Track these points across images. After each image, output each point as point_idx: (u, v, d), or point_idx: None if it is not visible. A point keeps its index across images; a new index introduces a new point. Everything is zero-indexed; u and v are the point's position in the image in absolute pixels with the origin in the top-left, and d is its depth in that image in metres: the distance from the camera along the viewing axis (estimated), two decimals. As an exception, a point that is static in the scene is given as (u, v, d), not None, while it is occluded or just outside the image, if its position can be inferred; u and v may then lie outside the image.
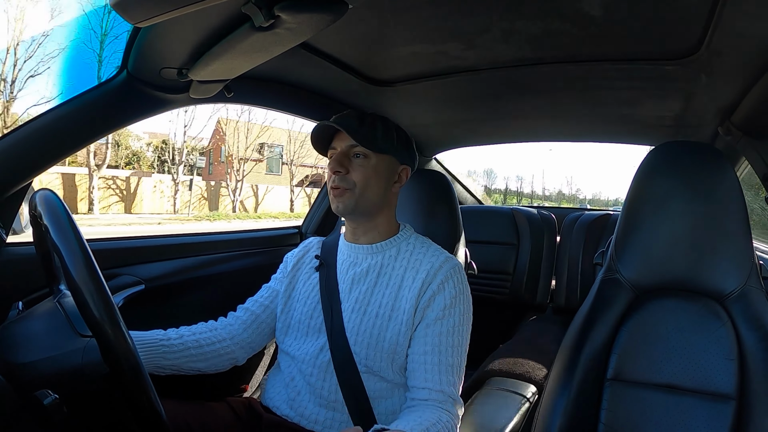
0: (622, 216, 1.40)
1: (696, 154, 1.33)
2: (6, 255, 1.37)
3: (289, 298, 1.45)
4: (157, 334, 1.29)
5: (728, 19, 1.12)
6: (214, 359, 1.37)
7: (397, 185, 1.42)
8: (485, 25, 1.32)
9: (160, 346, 1.27)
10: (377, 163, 1.34)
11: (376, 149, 1.33)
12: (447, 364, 1.24)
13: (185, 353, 1.30)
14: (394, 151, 1.38)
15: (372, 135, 1.33)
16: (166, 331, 1.32)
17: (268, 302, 1.48)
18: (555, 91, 1.83)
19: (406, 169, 1.43)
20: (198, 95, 1.45)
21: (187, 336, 1.34)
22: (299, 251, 1.55)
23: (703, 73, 1.44)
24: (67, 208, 0.91)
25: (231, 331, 1.42)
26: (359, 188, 1.32)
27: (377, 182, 1.35)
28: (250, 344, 1.45)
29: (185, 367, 1.31)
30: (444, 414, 1.17)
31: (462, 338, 1.29)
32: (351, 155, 1.34)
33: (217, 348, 1.37)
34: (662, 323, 1.29)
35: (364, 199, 1.33)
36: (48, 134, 1.29)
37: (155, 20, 0.93)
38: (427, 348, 1.24)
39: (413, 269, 1.33)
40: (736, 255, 1.26)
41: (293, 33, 1.06)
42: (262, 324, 1.46)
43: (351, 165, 1.33)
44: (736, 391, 1.19)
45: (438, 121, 2.38)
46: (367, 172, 1.33)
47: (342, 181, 1.32)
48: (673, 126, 2.06)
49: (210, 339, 1.37)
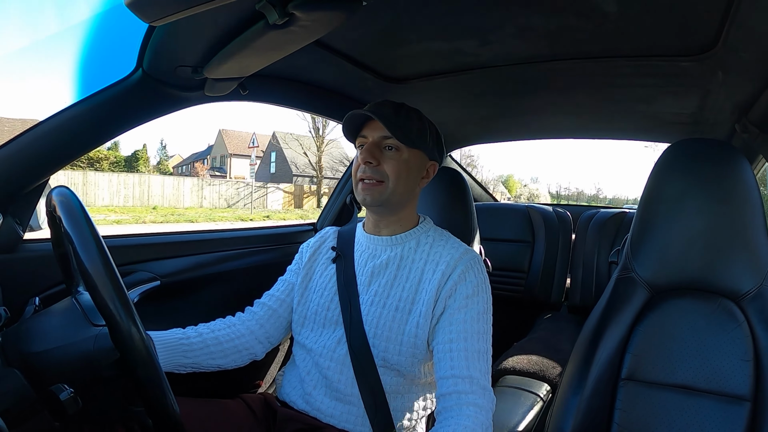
0: (638, 214, 1.39)
1: (712, 152, 1.32)
2: (23, 251, 1.39)
3: (305, 290, 1.44)
4: (176, 333, 1.29)
5: (745, 15, 1.11)
6: (233, 355, 1.37)
7: (425, 180, 1.39)
8: (500, 21, 1.31)
9: (180, 345, 1.27)
10: (409, 157, 1.31)
11: (409, 143, 1.30)
12: (474, 350, 1.19)
13: (205, 350, 1.31)
14: (425, 147, 1.35)
15: (407, 128, 1.30)
16: (185, 329, 1.33)
17: (284, 296, 1.47)
18: (570, 88, 1.82)
19: (434, 165, 1.41)
20: (213, 93, 1.45)
21: (206, 333, 1.34)
22: (315, 241, 1.53)
23: (720, 69, 1.43)
24: (83, 205, 0.91)
25: (249, 326, 1.42)
26: (391, 181, 1.29)
27: (408, 176, 1.32)
28: (268, 339, 1.45)
29: (205, 364, 1.32)
30: (475, 415, 1.11)
31: (487, 326, 1.26)
32: (383, 146, 1.31)
33: (236, 344, 1.38)
34: (677, 323, 1.27)
35: (394, 192, 1.30)
36: (64, 132, 1.30)
37: (170, 19, 0.94)
38: (452, 336, 1.21)
39: (433, 261, 1.31)
40: (752, 254, 1.24)
41: (307, 30, 1.07)
42: (279, 318, 1.46)
43: (382, 156, 1.30)
44: (751, 392, 1.17)
45: (453, 118, 2.37)
46: (399, 165, 1.30)
47: (374, 173, 1.29)
48: (690, 123, 2.04)
49: (229, 335, 1.37)
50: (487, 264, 2.11)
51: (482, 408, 1.13)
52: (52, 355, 0.92)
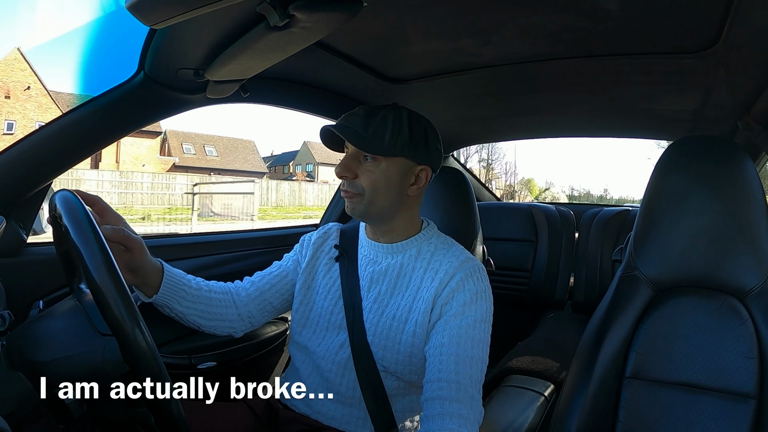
0: (641, 212, 1.39)
1: (715, 149, 1.31)
2: (27, 255, 1.39)
3: (308, 290, 1.42)
4: (181, 277, 1.29)
5: (746, 11, 1.11)
6: (215, 321, 1.35)
7: (414, 187, 1.30)
8: (501, 21, 1.31)
9: (181, 289, 1.27)
10: (387, 166, 1.25)
11: (383, 153, 1.24)
12: (466, 356, 1.15)
13: (195, 305, 1.31)
14: (407, 152, 1.26)
15: (378, 138, 1.23)
16: (189, 276, 1.33)
17: (276, 281, 1.45)
18: (572, 87, 1.82)
19: (426, 170, 1.31)
20: (215, 95, 1.46)
21: (204, 290, 1.34)
22: (319, 237, 1.49)
23: (722, 66, 1.42)
24: (86, 208, 0.91)
25: (237, 300, 1.40)
26: (368, 194, 1.25)
27: (387, 187, 1.26)
28: (249, 318, 1.42)
29: (188, 318, 1.31)
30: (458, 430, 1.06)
31: (484, 335, 1.22)
32: (361, 157, 1.26)
33: (222, 312, 1.36)
34: (681, 321, 1.27)
35: (374, 205, 1.27)
36: (67, 136, 1.30)
37: (170, 22, 0.94)
38: (444, 340, 1.17)
39: (433, 270, 1.28)
40: (756, 251, 1.24)
41: (308, 32, 1.07)
42: (265, 302, 1.43)
43: (360, 168, 1.26)
44: (756, 390, 1.17)
45: (454, 118, 2.37)
46: (375, 177, 1.25)
47: (351, 186, 1.26)
48: (692, 120, 2.04)
49: (220, 301, 1.36)
50: (490, 264, 2.11)
51: (466, 420, 1.09)
52: (59, 366, 0.92)
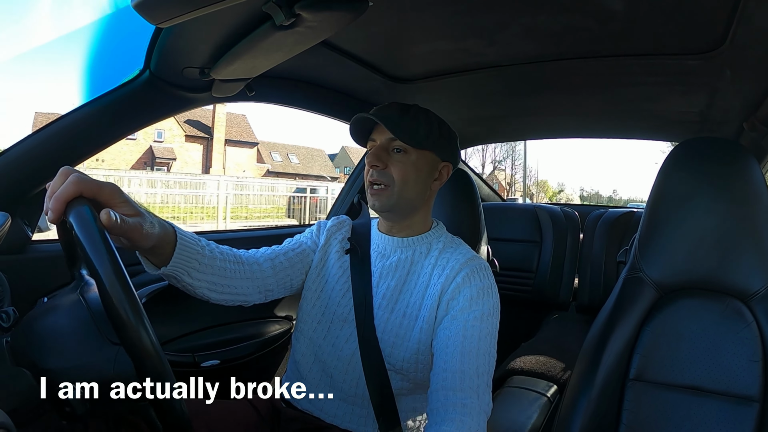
0: (646, 214, 1.38)
1: (721, 151, 1.31)
2: (32, 252, 1.40)
3: (318, 276, 1.40)
4: (195, 243, 1.16)
5: (752, 13, 1.10)
6: (226, 294, 1.26)
7: (437, 183, 1.35)
8: (506, 21, 1.31)
9: (195, 258, 1.15)
10: (417, 159, 1.28)
11: (416, 144, 1.26)
12: (472, 347, 1.15)
13: (207, 277, 1.19)
14: (436, 147, 1.31)
15: (413, 129, 1.26)
16: (205, 243, 1.20)
17: (298, 259, 1.40)
18: (577, 87, 1.82)
19: (448, 166, 1.36)
20: (220, 94, 1.46)
21: (218, 260, 1.22)
22: (333, 225, 1.47)
23: (728, 67, 1.42)
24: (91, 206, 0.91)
25: (256, 271, 1.32)
26: (398, 185, 1.27)
27: (416, 179, 1.29)
28: (267, 292, 1.35)
29: (198, 292, 1.21)
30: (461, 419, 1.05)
31: (491, 329, 1.21)
32: (390, 149, 1.28)
33: (236, 285, 1.27)
34: (686, 323, 1.27)
35: (402, 196, 1.28)
36: (73, 133, 1.31)
37: (176, 21, 0.94)
38: (450, 333, 1.17)
39: (440, 266, 1.29)
40: (761, 253, 1.23)
41: (314, 31, 1.07)
42: (288, 277, 1.37)
43: (390, 160, 1.27)
44: (760, 393, 1.16)
45: (459, 118, 2.37)
46: (406, 168, 1.27)
47: (381, 176, 1.27)
48: (698, 122, 2.03)
49: (233, 273, 1.26)
50: (494, 264, 2.11)
51: (471, 410, 1.07)
52: (68, 375, 0.91)
